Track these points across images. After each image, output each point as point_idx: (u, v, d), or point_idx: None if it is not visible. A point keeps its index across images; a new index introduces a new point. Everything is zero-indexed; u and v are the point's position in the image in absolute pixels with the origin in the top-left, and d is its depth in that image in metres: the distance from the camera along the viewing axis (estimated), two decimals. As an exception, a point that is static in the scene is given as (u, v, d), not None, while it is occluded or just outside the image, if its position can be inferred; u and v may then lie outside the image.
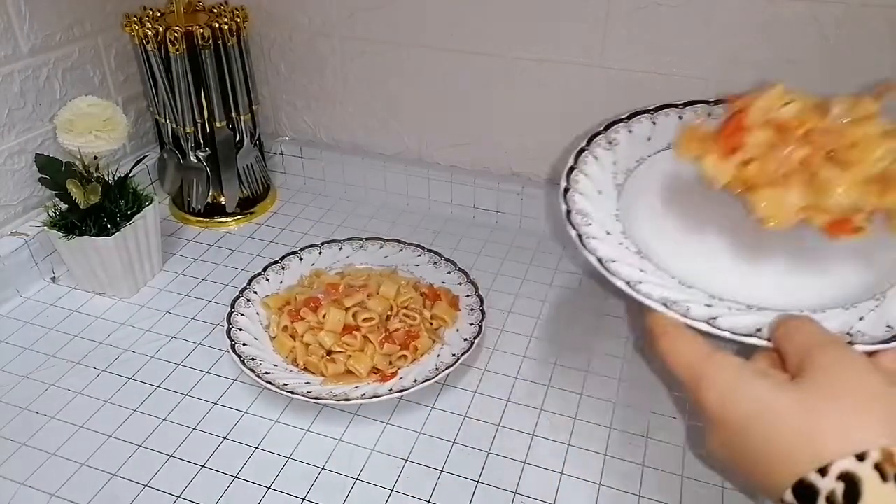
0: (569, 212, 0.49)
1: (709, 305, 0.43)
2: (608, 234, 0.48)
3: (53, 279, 0.79)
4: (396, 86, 0.89)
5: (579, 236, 0.47)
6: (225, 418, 0.62)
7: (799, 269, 0.49)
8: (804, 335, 0.38)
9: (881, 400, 0.34)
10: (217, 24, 0.80)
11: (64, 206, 0.72)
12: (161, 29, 0.77)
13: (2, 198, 0.76)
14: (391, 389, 0.61)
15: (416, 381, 0.61)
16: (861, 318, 0.42)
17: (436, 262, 0.78)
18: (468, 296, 0.72)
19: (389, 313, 0.69)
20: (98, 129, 0.70)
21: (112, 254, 0.73)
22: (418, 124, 0.91)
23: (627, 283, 0.43)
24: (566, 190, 0.50)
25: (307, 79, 0.93)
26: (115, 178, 0.74)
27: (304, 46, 0.90)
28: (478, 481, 0.56)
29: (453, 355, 0.64)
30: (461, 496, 0.55)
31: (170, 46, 0.78)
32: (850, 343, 0.39)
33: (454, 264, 0.77)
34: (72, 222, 0.71)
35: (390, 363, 0.65)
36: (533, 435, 0.60)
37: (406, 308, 0.69)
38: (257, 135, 0.91)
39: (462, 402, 0.64)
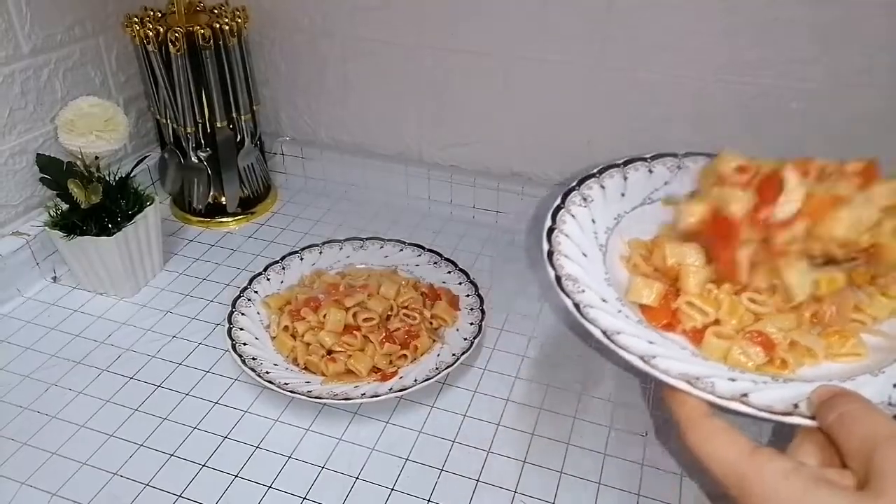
0: (559, 278, 0.44)
1: (732, 380, 0.38)
2: (604, 301, 0.43)
3: (54, 279, 0.79)
4: (396, 86, 0.89)
5: (576, 306, 0.42)
6: (226, 418, 0.62)
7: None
8: (863, 426, 0.33)
9: None
10: (218, 25, 0.80)
11: (65, 206, 0.73)
12: (162, 29, 0.78)
13: (3, 198, 0.77)
14: (391, 389, 0.61)
15: (416, 380, 0.62)
16: (895, 385, 0.38)
17: (436, 262, 0.78)
18: (468, 295, 0.72)
19: (390, 313, 0.69)
20: (99, 130, 0.71)
21: (113, 253, 0.73)
22: (418, 124, 0.91)
23: (642, 358, 0.38)
24: (550, 253, 0.46)
25: (308, 79, 0.93)
26: (117, 178, 0.74)
27: (304, 46, 0.90)
28: (478, 480, 0.57)
29: (453, 355, 0.64)
30: (461, 495, 0.55)
31: (171, 47, 0.78)
32: None
33: (454, 264, 0.77)
34: (73, 222, 0.71)
35: (390, 363, 0.65)
36: (533, 434, 0.61)
37: (406, 308, 0.69)
38: (258, 135, 0.91)
39: (462, 402, 0.64)
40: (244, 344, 0.66)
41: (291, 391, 0.60)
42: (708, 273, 0.45)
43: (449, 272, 0.76)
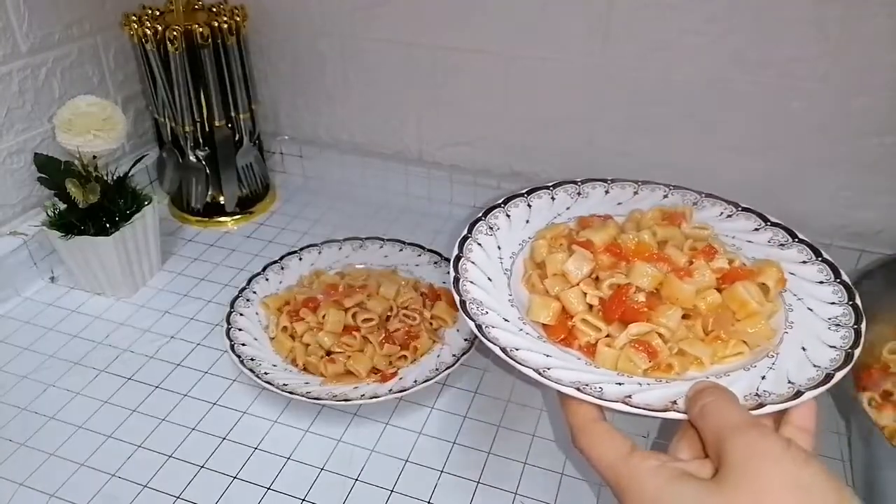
0: (463, 302, 0.47)
1: (620, 384, 0.42)
2: (506, 321, 0.46)
3: (52, 279, 0.79)
4: (396, 85, 0.88)
5: (478, 327, 0.45)
6: (224, 418, 0.62)
7: None
8: (717, 417, 0.37)
9: (797, 492, 0.32)
10: (216, 23, 0.79)
11: (63, 206, 0.72)
12: (160, 28, 0.77)
13: (1, 197, 0.76)
14: (391, 390, 0.60)
15: (416, 381, 0.61)
16: (763, 378, 0.42)
17: (436, 262, 0.77)
18: (468, 296, 0.72)
19: (389, 313, 0.69)
20: (97, 129, 0.70)
21: (111, 253, 0.72)
22: (418, 124, 0.91)
23: (537, 370, 0.41)
24: (456, 280, 0.49)
25: (307, 78, 0.93)
26: (114, 177, 0.74)
27: (303, 45, 0.90)
28: (478, 482, 0.56)
29: (453, 355, 0.64)
30: (461, 497, 0.55)
31: (169, 45, 0.77)
32: (761, 405, 0.39)
33: (454, 264, 0.77)
34: (71, 222, 0.71)
35: (390, 363, 0.65)
36: (533, 436, 0.60)
37: (406, 308, 0.69)
38: (257, 134, 0.91)
39: (462, 403, 0.64)
40: (243, 344, 0.66)
41: (290, 392, 0.60)
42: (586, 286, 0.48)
43: (449, 272, 0.76)
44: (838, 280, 0.49)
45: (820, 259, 0.50)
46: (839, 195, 0.76)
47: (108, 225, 0.72)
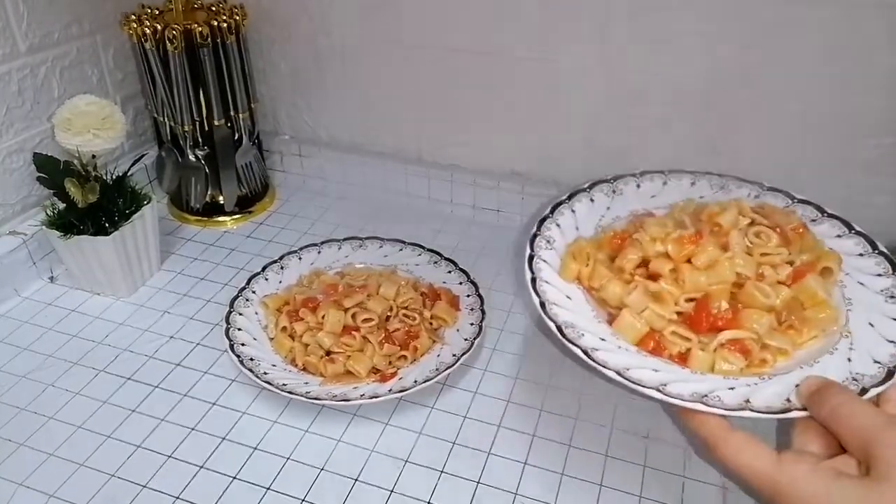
0: (559, 328, 0.47)
1: (731, 388, 0.43)
2: (602, 340, 0.47)
3: (51, 278, 0.79)
4: (396, 85, 0.88)
5: (585, 352, 0.45)
6: (224, 419, 0.62)
7: None
8: (856, 419, 0.39)
9: None
10: (216, 23, 0.79)
11: (62, 206, 0.72)
12: (159, 27, 0.77)
13: (0, 197, 0.76)
14: (391, 390, 0.60)
15: (415, 381, 0.61)
16: (850, 360, 0.45)
17: (436, 262, 0.77)
18: (468, 295, 0.72)
19: (389, 313, 0.69)
20: (96, 128, 0.70)
21: (110, 253, 0.72)
22: (418, 124, 0.91)
23: (657, 388, 0.43)
24: (543, 304, 0.49)
25: (306, 77, 0.92)
26: (114, 176, 0.74)
27: (303, 45, 0.90)
28: (478, 482, 0.56)
29: (453, 355, 0.64)
30: (461, 497, 0.55)
31: (168, 45, 0.77)
32: (863, 391, 0.42)
33: (454, 264, 0.77)
34: (70, 221, 0.71)
35: (390, 363, 0.65)
36: (533, 436, 0.60)
37: (406, 308, 0.69)
38: (256, 133, 0.91)
39: (462, 403, 0.64)
40: (242, 344, 0.66)
41: (290, 392, 0.60)
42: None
43: (449, 272, 0.76)
44: (877, 251, 0.51)
45: (854, 232, 0.53)
46: (839, 195, 0.75)
47: (107, 224, 0.72)
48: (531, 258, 0.52)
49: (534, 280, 0.50)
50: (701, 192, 0.59)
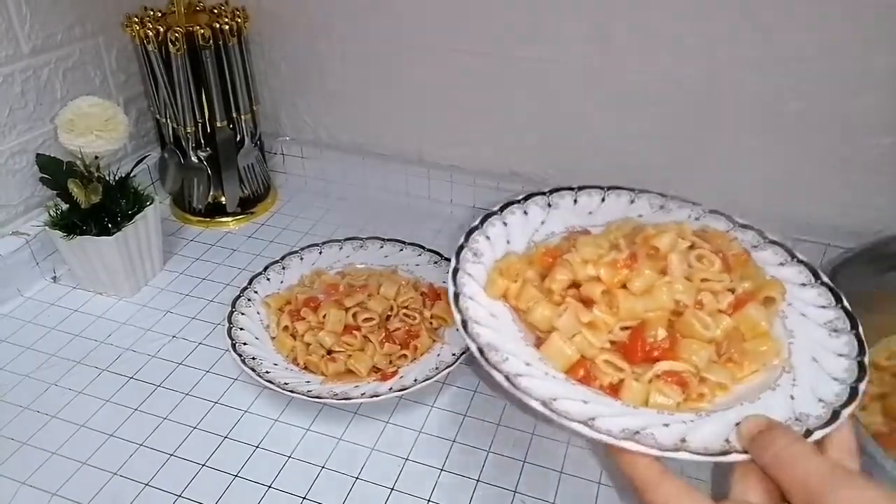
0: (481, 350, 0.42)
1: (666, 425, 0.39)
2: (528, 364, 0.43)
3: (54, 279, 0.79)
4: (396, 86, 0.89)
5: (507, 378, 0.41)
6: (226, 417, 0.62)
7: None
8: (800, 468, 0.35)
9: None
10: (218, 25, 0.80)
11: (65, 206, 0.73)
12: (162, 29, 0.78)
13: (3, 197, 0.77)
14: (391, 388, 0.61)
15: (416, 380, 0.61)
16: (793, 398, 0.41)
17: (436, 262, 0.78)
18: (468, 295, 0.72)
19: (390, 313, 0.69)
20: (99, 129, 0.71)
21: (113, 253, 0.73)
22: (418, 124, 0.91)
23: (584, 423, 0.38)
24: (465, 323, 0.44)
25: (307, 79, 0.93)
26: (116, 177, 0.74)
27: (304, 46, 0.90)
28: (478, 480, 0.57)
29: (453, 354, 0.64)
30: (461, 495, 0.55)
31: (171, 46, 0.78)
32: (808, 433, 0.38)
33: (454, 264, 0.77)
34: (73, 222, 0.71)
35: (390, 362, 0.65)
36: (533, 434, 0.61)
37: (406, 307, 0.69)
38: (258, 134, 0.91)
39: (462, 402, 0.64)
40: (244, 344, 0.66)
41: (291, 391, 0.60)
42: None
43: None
44: (819, 282, 0.48)
45: (796, 260, 0.50)
46: (839, 195, 0.76)
47: (109, 225, 0.72)
48: (455, 271, 0.48)
49: (457, 295, 0.46)
50: (640, 210, 0.55)
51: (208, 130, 0.86)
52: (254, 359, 0.64)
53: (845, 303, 0.47)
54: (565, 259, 0.48)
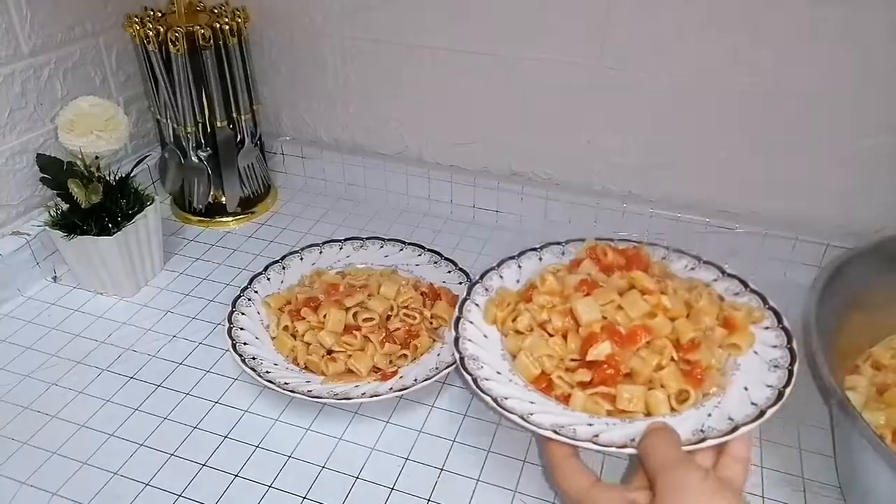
0: (462, 358, 0.55)
1: (590, 425, 0.48)
2: (498, 373, 0.54)
3: (55, 278, 0.79)
4: (396, 86, 0.89)
5: (474, 380, 0.52)
6: (226, 417, 0.62)
7: None
8: (654, 455, 0.43)
9: None
10: (218, 25, 0.80)
11: (65, 206, 0.73)
12: (162, 29, 0.78)
13: (3, 197, 0.77)
14: (391, 388, 0.61)
15: (416, 380, 0.62)
16: (709, 415, 0.48)
17: (436, 262, 0.78)
18: (468, 295, 0.72)
19: (390, 313, 0.69)
20: (99, 129, 0.71)
21: (113, 253, 0.73)
22: (418, 124, 0.91)
23: (521, 416, 0.48)
24: (457, 339, 0.57)
25: (308, 79, 0.93)
26: (117, 177, 0.74)
27: (304, 46, 0.90)
28: (478, 480, 0.57)
29: (453, 354, 0.64)
30: (461, 495, 0.55)
31: (171, 47, 0.78)
32: (703, 439, 0.45)
33: (454, 264, 0.77)
34: (73, 222, 0.71)
35: (391, 362, 0.65)
36: (532, 434, 0.60)
37: (406, 307, 0.69)
38: (258, 134, 0.91)
39: (462, 401, 0.64)
40: (244, 343, 0.66)
41: (291, 391, 0.60)
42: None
43: (449, 272, 0.76)
44: (781, 325, 0.55)
45: (767, 307, 0.57)
46: (839, 195, 0.76)
47: (110, 225, 0.72)
48: (464, 301, 0.60)
49: (458, 319, 0.58)
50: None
51: (208, 130, 0.86)
52: (254, 359, 0.64)
53: (794, 344, 0.53)
54: (524, 308, 0.58)
